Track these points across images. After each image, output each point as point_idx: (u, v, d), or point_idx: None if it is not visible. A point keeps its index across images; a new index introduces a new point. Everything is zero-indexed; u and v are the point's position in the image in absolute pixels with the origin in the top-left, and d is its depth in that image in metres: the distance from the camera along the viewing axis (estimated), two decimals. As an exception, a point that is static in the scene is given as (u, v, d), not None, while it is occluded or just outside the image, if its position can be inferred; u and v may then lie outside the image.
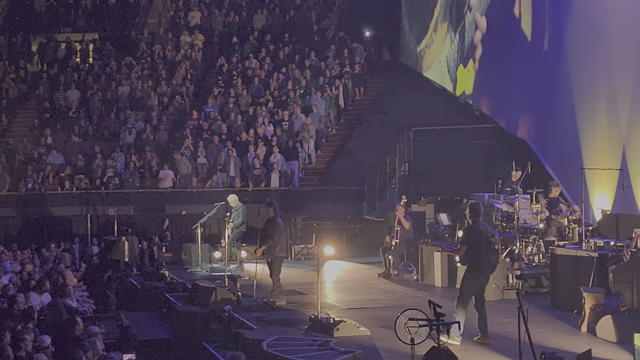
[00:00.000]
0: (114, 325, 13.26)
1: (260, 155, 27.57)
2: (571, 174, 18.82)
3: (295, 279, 19.42)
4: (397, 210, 19.32)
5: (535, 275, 16.96)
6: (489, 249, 12.86)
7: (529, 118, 23.90)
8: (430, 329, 9.84)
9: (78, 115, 29.94)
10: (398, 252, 19.26)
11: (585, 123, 20.29)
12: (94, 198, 26.49)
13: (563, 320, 14.36)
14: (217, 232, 23.53)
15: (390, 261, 19.31)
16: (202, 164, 27.74)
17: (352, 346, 11.46)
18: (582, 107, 20.50)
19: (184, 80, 31.46)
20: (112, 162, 27.60)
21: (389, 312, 13.84)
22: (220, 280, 17.65)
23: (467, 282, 12.93)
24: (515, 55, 24.36)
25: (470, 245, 12.88)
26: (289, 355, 10.61)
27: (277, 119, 29.27)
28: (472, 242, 12.88)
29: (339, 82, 30.32)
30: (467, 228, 13.30)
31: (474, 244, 12.85)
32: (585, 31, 20.42)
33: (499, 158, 22.08)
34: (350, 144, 28.64)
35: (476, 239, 12.86)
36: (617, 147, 18.93)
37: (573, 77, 20.95)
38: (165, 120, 29.69)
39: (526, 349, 9.76)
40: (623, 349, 11.88)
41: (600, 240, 15.37)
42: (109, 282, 19.08)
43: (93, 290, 18.28)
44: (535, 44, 23.13)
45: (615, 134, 19.06)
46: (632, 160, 18.29)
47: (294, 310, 15.72)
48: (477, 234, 12.91)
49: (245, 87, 30.58)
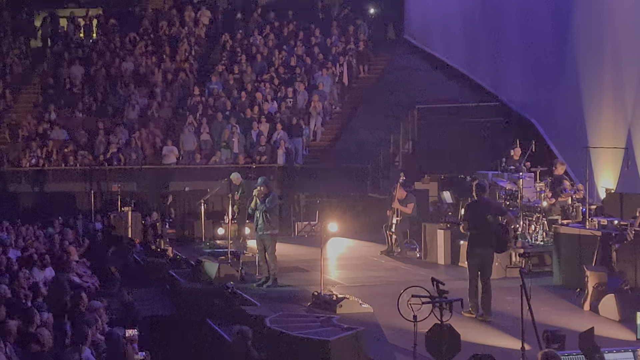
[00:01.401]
0: (117, 302, 13.29)
1: (264, 132, 27.53)
2: (576, 152, 18.76)
3: (299, 256, 19.47)
4: (397, 190, 19.27)
5: (539, 254, 16.97)
6: (493, 226, 12.87)
7: (534, 96, 23.81)
8: (433, 306, 9.84)
9: (82, 92, 29.87)
10: (401, 229, 19.25)
11: (590, 102, 20.22)
12: (98, 174, 26.48)
13: (566, 299, 14.37)
14: (221, 208, 23.53)
15: (393, 238, 19.30)
16: (206, 141, 27.71)
17: (355, 323, 11.48)
18: (588, 85, 20.43)
19: (187, 56, 31.36)
20: (116, 138, 27.57)
21: (391, 290, 13.82)
22: (224, 257, 17.68)
23: (468, 257, 13.24)
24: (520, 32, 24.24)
25: (470, 221, 13.01)
26: (292, 331, 10.62)
27: (280, 95, 29.21)
28: (471, 218, 13.01)
29: (343, 60, 30.21)
30: (468, 204, 13.44)
31: (473, 220, 12.97)
32: (591, 9, 20.31)
33: (503, 136, 22.04)
34: (354, 122, 28.58)
35: (476, 215, 12.98)
36: (622, 126, 18.88)
37: (579, 55, 20.85)
38: (169, 96, 29.63)
39: (529, 327, 9.78)
40: (625, 327, 11.88)
41: (604, 219, 15.34)
42: (113, 258, 19.09)
43: (96, 266, 18.31)
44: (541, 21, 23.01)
45: (621, 112, 19.01)
46: (637, 139, 18.25)
47: (297, 287, 15.75)
48: (477, 209, 13.06)
49: (249, 64, 30.49)
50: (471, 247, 13.15)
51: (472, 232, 13.07)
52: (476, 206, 13.17)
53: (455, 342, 9.86)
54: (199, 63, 31.55)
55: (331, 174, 26.00)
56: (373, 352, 10.86)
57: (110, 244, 20.42)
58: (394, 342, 11.55)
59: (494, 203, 13.77)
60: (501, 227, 13.02)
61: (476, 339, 11.29)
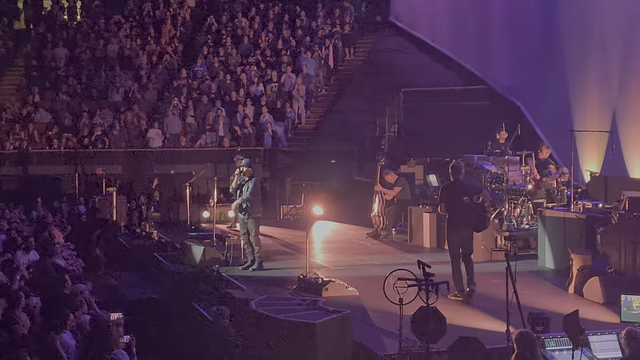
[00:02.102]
0: (101, 285, 13.26)
1: (250, 115, 27.46)
2: (561, 136, 18.79)
3: (284, 239, 19.46)
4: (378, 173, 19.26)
5: (524, 237, 17.02)
6: (470, 206, 13.00)
7: (520, 80, 23.82)
8: (419, 289, 9.84)
9: (66, 74, 29.69)
10: (393, 212, 19.24)
11: (576, 85, 20.25)
12: (82, 157, 26.36)
13: (551, 282, 14.43)
14: (206, 191, 23.48)
15: (381, 220, 19.28)
16: (191, 124, 27.62)
17: (341, 306, 11.47)
18: (574, 69, 20.45)
19: (172, 39, 31.21)
20: (100, 121, 27.44)
21: (377, 273, 13.84)
22: (209, 240, 17.65)
23: (448, 238, 13.44)
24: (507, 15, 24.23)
25: (446, 202, 13.15)
26: (277, 314, 10.61)
27: (266, 79, 29.12)
28: (448, 199, 13.15)
29: (329, 42, 30.13)
30: (444, 185, 13.58)
31: (449, 200, 13.11)
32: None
33: (489, 119, 22.02)
34: (340, 104, 28.53)
35: (452, 196, 13.11)
36: (607, 110, 18.92)
37: (565, 39, 20.86)
38: (154, 79, 29.51)
39: (514, 309, 9.79)
40: (610, 310, 11.93)
41: (589, 202, 15.38)
42: (98, 241, 19.03)
43: (81, 249, 18.26)
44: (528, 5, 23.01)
45: (606, 96, 19.04)
46: (622, 123, 18.30)
47: (283, 270, 15.74)
48: (453, 191, 13.19)
49: (234, 47, 30.37)
50: (450, 228, 13.31)
51: (450, 214, 13.20)
52: (452, 187, 13.30)
53: (441, 324, 9.86)
54: (184, 45, 31.41)
55: (316, 156, 25.96)
56: (359, 335, 10.86)
57: (95, 227, 20.36)
58: (380, 325, 11.56)
59: (469, 183, 13.87)
60: (478, 206, 13.13)
61: (462, 322, 11.31)
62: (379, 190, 19.17)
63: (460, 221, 13.07)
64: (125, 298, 13.24)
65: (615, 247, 13.50)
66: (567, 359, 8.95)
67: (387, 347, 10.40)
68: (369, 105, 27.35)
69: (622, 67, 18.64)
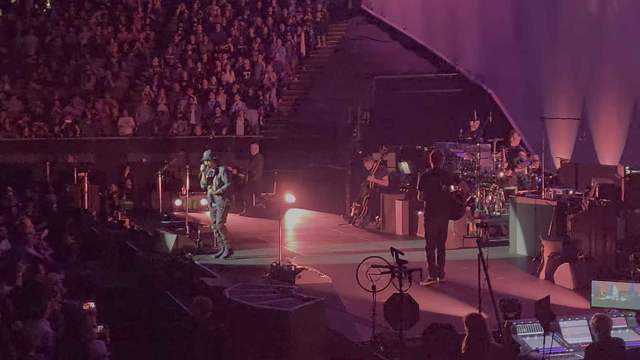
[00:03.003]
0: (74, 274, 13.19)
1: (222, 103, 27.39)
2: (532, 123, 18.93)
3: (257, 227, 19.47)
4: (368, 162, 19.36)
5: (496, 224, 17.14)
6: (446, 193, 13.23)
7: (491, 68, 23.94)
8: (392, 276, 9.90)
9: (37, 62, 29.44)
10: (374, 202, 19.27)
11: (546, 73, 20.38)
12: (53, 145, 26.17)
13: (522, 268, 14.57)
14: (178, 180, 23.41)
15: (364, 209, 19.33)
16: (163, 112, 27.50)
17: (314, 294, 11.51)
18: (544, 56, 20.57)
19: (143, 27, 31.03)
20: (72, 109, 27.25)
21: (350, 260, 13.91)
22: (182, 228, 17.62)
23: (425, 225, 13.69)
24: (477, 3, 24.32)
25: (426, 189, 13.40)
26: (251, 302, 10.63)
27: (238, 66, 29.05)
28: (427, 187, 13.39)
29: (301, 30, 30.08)
30: (424, 173, 13.77)
31: (428, 188, 13.36)
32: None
33: (461, 107, 22.10)
34: (312, 93, 28.52)
35: (431, 184, 13.34)
36: (577, 97, 19.08)
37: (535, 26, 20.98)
38: (125, 67, 29.34)
39: (486, 296, 9.88)
40: (580, 296, 12.08)
41: (560, 189, 15.52)
42: (69, 230, 18.92)
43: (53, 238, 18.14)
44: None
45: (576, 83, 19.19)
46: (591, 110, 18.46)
47: (256, 258, 15.76)
48: (431, 179, 13.39)
49: (205, 34, 30.25)
50: (428, 215, 13.56)
51: (429, 201, 13.42)
52: (431, 176, 13.47)
53: (414, 311, 9.95)
54: (155, 33, 31.24)
55: (289, 144, 25.95)
56: (332, 322, 10.90)
57: (66, 216, 20.23)
58: (353, 312, 11.62)
59: (447, 172, 14.16)
60: (455, 195, 13.35)
61: (435, 309, 11.39)
62: (372, 180, 19.24)
63: (438, 209, 13.33)
64: (98, 287, 13.17)
65: (586, 234, 13.64)
66: (538, 344, 9.05)
67: (360, 334, 10.47)
68: (341, 93, 27.34)
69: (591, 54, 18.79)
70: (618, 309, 10.44)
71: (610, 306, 10.49)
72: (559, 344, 9.61)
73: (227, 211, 15.82)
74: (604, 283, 10.82)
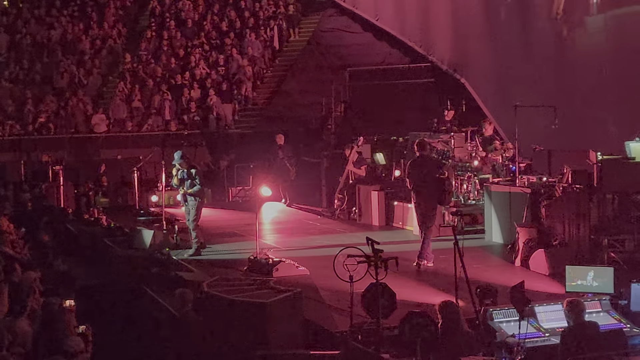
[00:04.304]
0: (51, 272, 13.16)
1: (195, 98, 27.35)
2: (505, 111, 19.01)
3: (234, 221, 19.48)
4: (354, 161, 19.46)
5: (471, 212, 17.22)
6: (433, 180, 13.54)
7: (463, 57, 24.01)
8: (369, 266, 9.95)
9: (8, 60, 29.25)
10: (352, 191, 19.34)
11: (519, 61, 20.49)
12: (27, 144, 26.05)
13: (498, 255, 14.69)
14: (154, 176, 23.36)
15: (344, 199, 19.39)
16: (137, 108, 27.43)
17: (292, 285, 11.54)
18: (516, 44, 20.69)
19: (115, 23, 30.90)
20: (44, 107, 27.12)
21: (327, 252, 13.94)
22: (159, 224, 17.61)
23: (415, 210, 14.06)
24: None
25: (413, 177, 13.76)
26: (229, 295, 10.66)
27: (212, 61, 29.01)
28: (414, 174, 13.75)
29: (274, 23, 30.07)
30: (411, 161, 14.10)
31: (416, 175, 13.73)
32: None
33: (434, 97, 22.23)
34: (285, 85, 28.52)
35: (418, 171, 13.73)
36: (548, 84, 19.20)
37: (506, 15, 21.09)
38: (98, 64, 29.21)
39: (462, 283, 9.97)
40: (555, 281, 12.20)
41: (533, 177, 15.64)
42: (45, 228, 18.85)
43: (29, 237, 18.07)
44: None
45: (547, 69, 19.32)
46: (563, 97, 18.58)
47: (233, 252, 15.79)
48: (418, 166, 13.77)
49: (178, 29, 30.17)
50: (416, 202, 13.90)
51: (416, 188, 13.74)
52: (418, 163, 13.81)
53: (391, 300, 10.01)
54: (127, 29, 31.11)
55: (264, 138, 25.93)
56: (310, 313, 10.95)
57: (42, 214, 20.15)
58: (331, 302, 11.67)
59: (433, 159, 14.59)
60: (441, 180, 13.54)
61: (412, 297, 11.46)
62: (350, 169, 19.31)
63: (426, 195, 13.63)
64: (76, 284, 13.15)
65: (560, 220, 13.75)
66: (514, 329, 9.15)
67: (338, 324, 10.51)
68: (314, 85, 27.38)
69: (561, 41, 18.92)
70: (592, 293, 10.58)
71: (585, 290, 10.63)
72: (534, 329, 9.72)
73: (200, 210, 15.83)
74: (578, 268, 10.95)
